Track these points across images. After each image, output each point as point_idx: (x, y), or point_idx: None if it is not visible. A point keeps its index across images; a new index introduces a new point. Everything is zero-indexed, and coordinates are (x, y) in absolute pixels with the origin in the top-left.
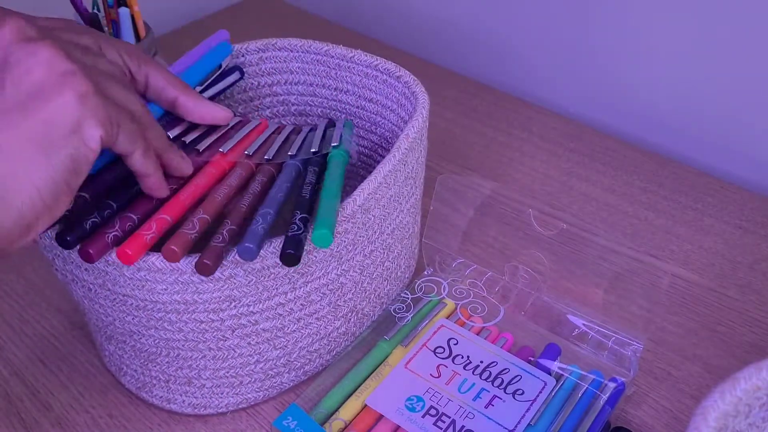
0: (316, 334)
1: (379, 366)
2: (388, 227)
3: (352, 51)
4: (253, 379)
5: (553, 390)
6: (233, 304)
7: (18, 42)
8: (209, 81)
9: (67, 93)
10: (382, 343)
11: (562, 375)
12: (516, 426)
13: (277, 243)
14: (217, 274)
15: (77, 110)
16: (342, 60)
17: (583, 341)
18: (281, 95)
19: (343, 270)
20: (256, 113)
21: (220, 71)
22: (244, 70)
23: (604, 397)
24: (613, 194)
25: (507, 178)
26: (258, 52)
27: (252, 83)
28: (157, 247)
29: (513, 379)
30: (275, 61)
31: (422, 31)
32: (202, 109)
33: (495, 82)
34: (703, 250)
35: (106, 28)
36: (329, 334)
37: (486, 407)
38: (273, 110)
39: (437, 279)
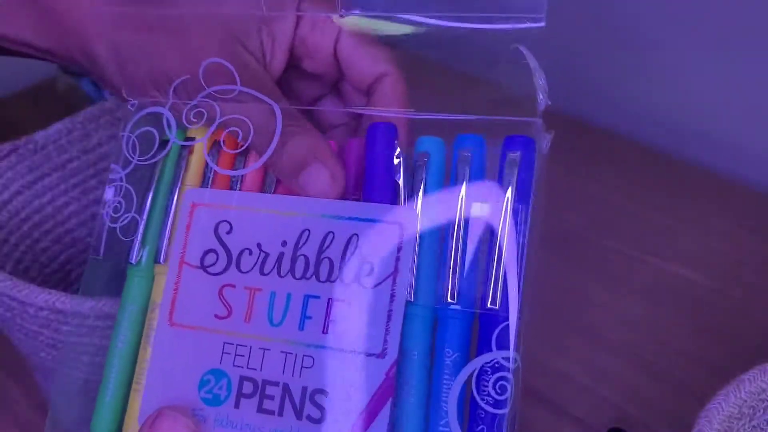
0: None
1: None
2: None
3: None
4: None
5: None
6: None
7: None
8: None
9: None
10: (131, 278)
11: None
12: (385, 335)
13: None
14: None
15: None
16: None
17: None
18: None
19: None
20: None
21: None
22: None
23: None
24: (616, 194)
25: None
26: None
27: None
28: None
29: (348, 246)
30: None
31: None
32: None
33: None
34: (709, 250)
35: None
36: None
37: (325, 331)
38: None
39: (156, 111)
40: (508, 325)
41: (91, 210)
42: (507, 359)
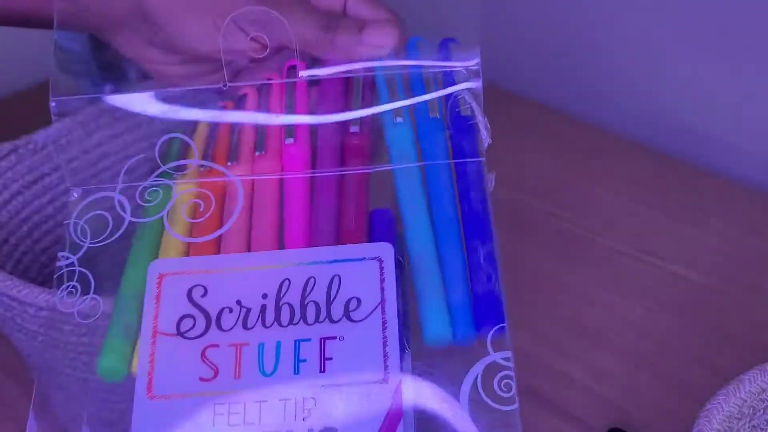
0: None
1: None
2: None
3: None
4: None
5: (397, 259)
6: None
7: None
8: None
9: None
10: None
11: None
12: (385, 351)
13: None
14: None
15: None
16: None
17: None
18: None
19: None
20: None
21: None
22: None
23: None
24: (615, 193)
25: (507, 178)
26: None
27: None
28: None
29: (330, 287)
30: None
31: None
32: None
33: (494, 80)
34: (709, 250)
35: None
36: None
37: (323, 370)
38: None
39: (105, 195)
40: (504, 326)
41: None
42: (507, 359)
